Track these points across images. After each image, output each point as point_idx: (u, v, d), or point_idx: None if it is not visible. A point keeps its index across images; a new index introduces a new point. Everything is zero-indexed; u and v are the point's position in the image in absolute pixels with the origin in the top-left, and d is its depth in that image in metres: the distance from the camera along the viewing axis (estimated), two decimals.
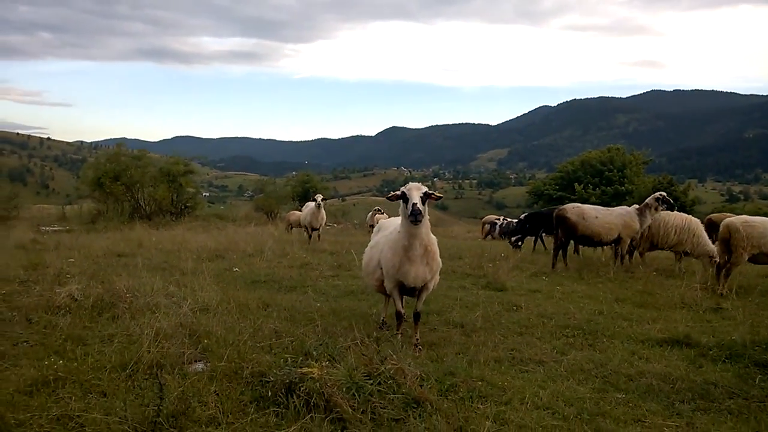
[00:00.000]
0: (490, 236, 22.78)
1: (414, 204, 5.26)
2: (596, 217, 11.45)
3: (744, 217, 9.87)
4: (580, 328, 6.82)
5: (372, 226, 20.82)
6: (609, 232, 11.43)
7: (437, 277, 6.11)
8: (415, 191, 5.38)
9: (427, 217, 5.51)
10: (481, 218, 27.86)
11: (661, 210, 11.48)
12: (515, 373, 5.15)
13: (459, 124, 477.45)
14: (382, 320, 6.89)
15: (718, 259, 10.39)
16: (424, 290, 5.93)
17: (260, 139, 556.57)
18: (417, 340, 5.87)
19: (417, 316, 5.98)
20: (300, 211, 20.40)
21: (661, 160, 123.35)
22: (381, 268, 5.98)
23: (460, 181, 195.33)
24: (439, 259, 5.90)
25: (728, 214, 16.30)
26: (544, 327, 6.85)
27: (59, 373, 4.25)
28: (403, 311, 6.06)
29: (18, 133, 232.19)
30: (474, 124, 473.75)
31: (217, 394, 4.10)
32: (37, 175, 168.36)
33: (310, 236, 16.69)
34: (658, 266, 12.08)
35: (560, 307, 7.97)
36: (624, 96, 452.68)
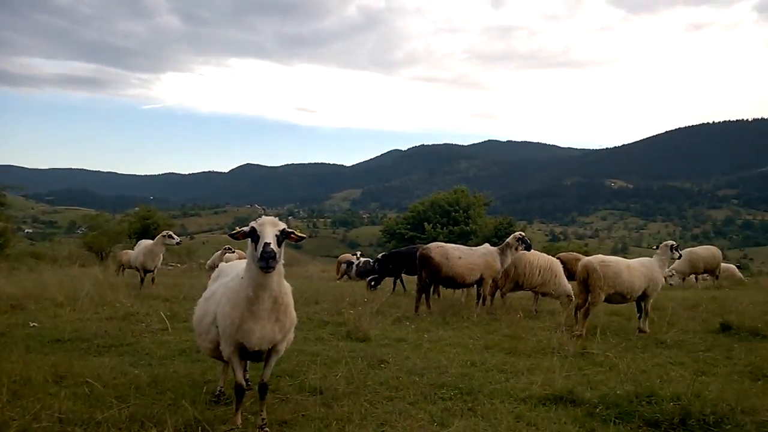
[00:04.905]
0: (346, 276, 21.84)
1: (266, 244, 3.97)
2: (460, 258, 10.91)
3: (600, 256, 9.83)
4: (455, 386, 5.91)
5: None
6: (472, 272, 10.94)
7: (291, 335, 4.82)
8: (270, 227, 4.10)
9: (282, 262, 4.25)
10: (336, 257, 26.96)
11: (521, 250, 11.27)
12: None
13: (314, 163, 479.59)
14: (219, 390, 5.42)
15: (574, 299, 10.30)
16: (274, 354, 4.60)
17: (99, 171, 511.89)
18: (263, 420, 4.51)
19: (264, 388, 4.60)
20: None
21: (496, 203, 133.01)
22: (217, 326, 4.58)
23: (315, 219, 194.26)
24: (294, 314, 4.63)
25: (576, 254, 16.90)
26: (416, 387, 5.82)
27: None
28: (244, 383, 4.68)
29: None
30: (329, 164, 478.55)
31: None
32: None
33: (142, 279, 14.40)
34: (519, 306, 11.83)
35: (430, 360, 7.05)
36: (465, 144, 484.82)
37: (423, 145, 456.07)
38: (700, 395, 5.26)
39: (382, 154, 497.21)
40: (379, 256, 17.16)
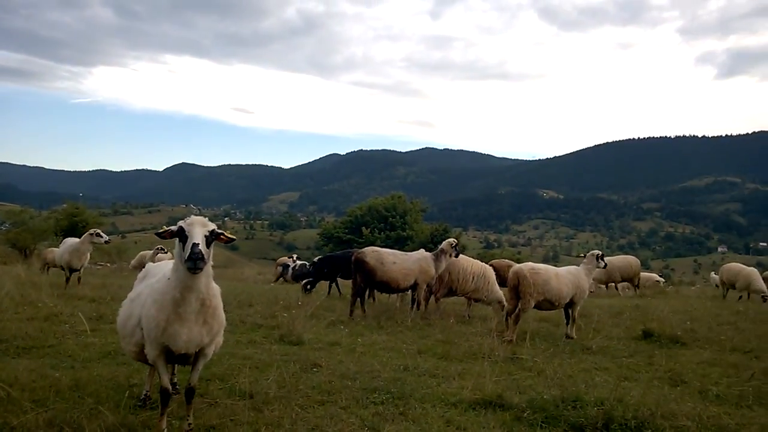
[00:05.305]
0: (282, 279, 21.59)
1: (195, 244, 3.88)
2: (394, 263, 10.97)
3: (530, 264, 10.11)
4: (388, 391, 5.94)
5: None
6: (406, 277, 11.02)
7: (220, 338, 4.71)
8: (199, 228, 4.02)
9: (210, 263, 4.17)
10: (274, 259, 26.62)
11: (455, 256, 11.46)
12: None
13: (252, 165, 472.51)
14: (145, 394, 5.24)
15: (506, 305, 10.56)
16: (201, 357, 4.49)
17: (25, 165, 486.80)
18: (189, 425, 4.40)
19: (191, 392, 4.50)
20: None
21: (433, 210, 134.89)
22: (142, 329, 4.43)
23: (252, 221, 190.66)
24: (223, 316, 4.54)
25: (508, 261, 17.36)
26: (348, 392, 5.82)
27: None
28: (170, 387, 4.54)
29: None
30: (267, 165, 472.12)
31: None
32: None
33: (68, 279, 13.74)
34: (452, 312, 12.02)
35: (363, 364, 7.05)
36: (403, 150, 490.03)
37: (362, 150, 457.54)
38: (623, 400, 5.49)
39: (320, 158, 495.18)
40: (315, 259, 17.05)
